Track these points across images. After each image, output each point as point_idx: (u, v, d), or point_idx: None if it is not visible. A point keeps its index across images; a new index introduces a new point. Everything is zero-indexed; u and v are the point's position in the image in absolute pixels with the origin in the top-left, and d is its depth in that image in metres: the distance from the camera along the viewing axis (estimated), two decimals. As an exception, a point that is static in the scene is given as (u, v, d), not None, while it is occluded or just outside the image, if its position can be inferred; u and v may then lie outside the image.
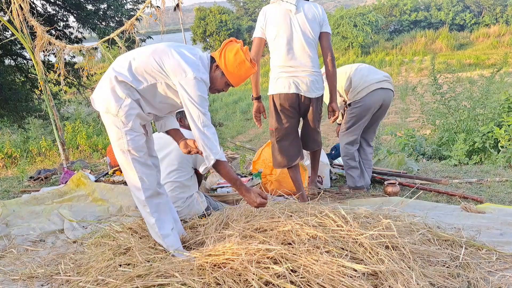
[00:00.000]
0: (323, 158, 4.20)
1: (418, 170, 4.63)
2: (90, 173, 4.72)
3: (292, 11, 3.28)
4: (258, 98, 3.51)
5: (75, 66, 10.39)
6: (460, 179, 4.25)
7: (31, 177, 5.02)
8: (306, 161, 4.08)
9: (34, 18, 4.94)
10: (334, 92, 3.51)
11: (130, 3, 11.69)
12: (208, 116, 2.42)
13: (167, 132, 2.73)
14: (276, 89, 3.40)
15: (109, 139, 2.54)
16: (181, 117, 3.31)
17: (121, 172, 4.45)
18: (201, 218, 3.12)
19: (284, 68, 3.34)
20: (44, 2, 10.74)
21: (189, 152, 2.61)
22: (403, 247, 2.17)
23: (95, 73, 6.33)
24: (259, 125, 3.64)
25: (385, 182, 3.91)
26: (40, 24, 4.94)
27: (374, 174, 4.29)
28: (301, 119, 3.61)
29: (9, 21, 4.94)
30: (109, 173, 4.63)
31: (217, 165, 2.48)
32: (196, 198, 3.22)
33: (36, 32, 4.96)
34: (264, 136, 12.43)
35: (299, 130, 3.66)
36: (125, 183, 4.11)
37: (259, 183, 3.85)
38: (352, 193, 3.97)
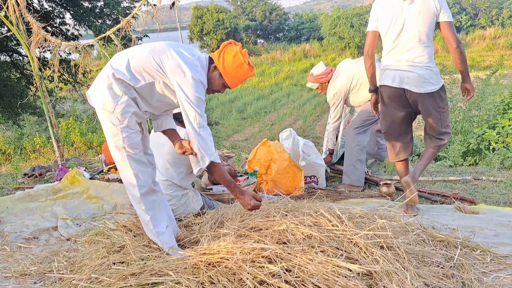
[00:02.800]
0: (318, 159, 4.22)
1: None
2: (84, 170, 4.70)
3: (405, 2, 3.08)
4: (375, 91, 3.37)
5: (71, 63, 10.35)
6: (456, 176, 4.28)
7: (25, 174, 4.99)
8: (302, 162, 4.08)
9: (31, 14, 4.90)
10: (466, 75, 3.35)
11: (127, 1, 11.65)
12: (204, 117, 2.42)
13: (164, 132, 2.73)
14: (382, 81, 3.28)
15: (105, 136, 2.53)
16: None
17: (116, 169, 4.44)
18: (197, 217, 3.12)
19: (392, 61, 3.21)
20: (40, -2, 10.69)
21: (184, 153, 2.61)
22: (397, 248, 2.17)
23: (90, 70, 6.30)
24: (377, 115, 3.46)
25: (381, 182, 3.92)
26: (36, 20, 4.90)
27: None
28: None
29: (5, 16, 4.89)
30: (104, 170, 4.61)
31: (211, 167, 2.49)
32: (191, 197, 3.22)
33: (32, 28, 4.93)
34: (260, 135, 12.41)
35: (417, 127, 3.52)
36: (120, 180, 4.09)
37: (255, 182, 3.85)
38: (347, 193, 3.97)
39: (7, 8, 4.76)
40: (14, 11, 4.76)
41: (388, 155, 3.45)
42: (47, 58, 10.05)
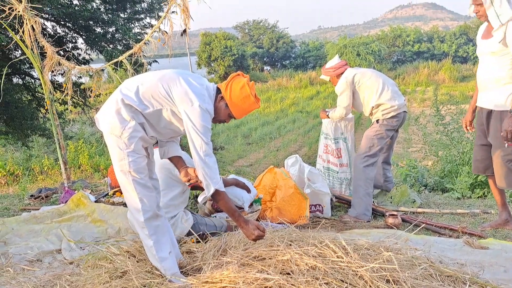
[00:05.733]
0: (324, 187, 4.19)
1: (421, 203, 4.60)
2: (90, 193, 4.71)
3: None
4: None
5: (82, 87, 10.52)
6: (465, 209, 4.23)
7: (32, 195, 5.01)
8: (307, 189, 4.06)
9: (45, 39, 5.03)
10: None
11: (138, 27, 11.91)
12: (210, 145, 2.45)
13: (170, 159, 2.75)
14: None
15: (111, 159, 2.56)
16: None
17: (121, 193, 4.44)
18: (191, 240, 3.09)
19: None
20: (54, 24, 10.95)
21: (188, 180, 2.63)
22: (404, 282, 2.13)
23: (100, 93, 6.40)
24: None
25: (387, 213, 3.88)
26: (51, 45, 5.03)
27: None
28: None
29: (21, 40, 5.02)
30: (109, 193, 4.61)
31: (216, 195, 2.50)
32: (181, 217, 3.19)
33: (45, 52, 5.05)
34: (265, 161, 12.41)
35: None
36: (124, 204, 4.09)
37: (259, 209, 3.83)
38: (353, 223, 3.93)
39: (23, 32, 4.88)
40: (30, 35, 4.89)
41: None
42: (58, 81, 10.25)
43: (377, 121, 4.19)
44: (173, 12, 4.66)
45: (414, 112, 19.35)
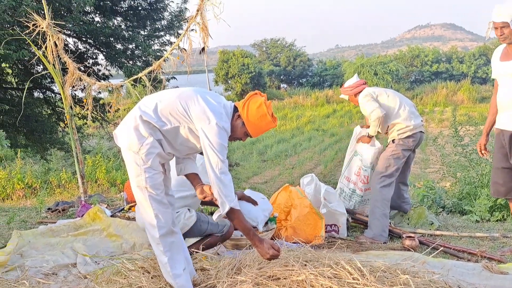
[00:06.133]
0: (340, 207, 4.15)
1: (439, 225, 4.51)
2: (106, 207, 4.75)
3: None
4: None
5: (101, 102, 10.72)
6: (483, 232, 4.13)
7: (49, 209, 5.08)
8: (323, 209, 4.02)
9: (67, 55, 5.17)
10: None
11: (157, 44, 12.14)
12: (226, 163, 2.47)
13: (186, 176, 2.77)
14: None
15: (128, 175, 2.59)
16: None
17: (137, 208, 4.47)
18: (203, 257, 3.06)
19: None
20: (76, 40, 11.25)
21: (204, 198, 2.63)
22: (421, 306, 2.08)
23: (119, 108, 6.53)
24: None
25: (404, 235, 3.82)
26: (72, 61, 5.16)
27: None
28: None
29: (44, 55, 5.17)
30: (125, 208, 4.65)
31: (231, 213, 2.51)
32: (184, 214, 3.15)
33: (67, 67, 5.18)
34: (280, 179, 12.37)
35: None
36: (140, 220, 4.11)
37: (274, 228, 3.81)
38: (369, 244, 3.88)
39: (46, 48, 5.02)
40: (52, 51, 5.03)
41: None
42: (78, 96, 10.49)
43: (393, 140, 4.16)
44: (192, 30, 4.74)
45: (432, 133, 19.16)
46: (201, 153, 2.56)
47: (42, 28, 4.85)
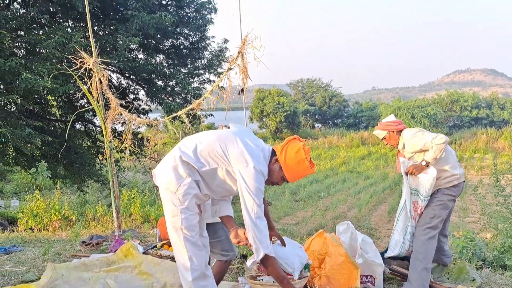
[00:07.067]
0: (377, 257, 3.97)
1: (481, 282, 4.23)
2: (139, 243, 4.76)
3: None
4: None
5: (139, 136, 11.00)
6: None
7: (83, 242, 5.13)
8: (359, 259, 3.86)
9: (110, 90, 5.36)
10: None
11: (197, 82, 12.49)
12: (262, 208, 2.44)
13: (221, 218, 2.74)
14: None
15: (164, 215, 2.60)
16: None
17: (169, 246, 4.46)
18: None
19: None
20: (119, 75, 11.74)
21: (238, 243, 2.59)
22: None
23: (156, 143, 6.67)
24: None
25: (446, 292, 3.59)
26: (115, 97, 5.34)
27: None
28: None
29: (88, 91, 5.38)
30: (157, 245, 4.64)
31: (265, 260, 2.45)
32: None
33: (109, 103, 5.36)
34: (312, 221, 12.08)
35: None
36: (172, 258, 4.08)
37: (308, 276, 3.67)
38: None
39: (91, 83, 5.24)
40: (97, 87, 5.23)
41: None
42: (117, 130, 10.83)
43: (438, 190, 3.94)
44: (231, 69, 4.83)
45: (472, 180, 18.43)
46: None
47: (89, 65, 5.07)
